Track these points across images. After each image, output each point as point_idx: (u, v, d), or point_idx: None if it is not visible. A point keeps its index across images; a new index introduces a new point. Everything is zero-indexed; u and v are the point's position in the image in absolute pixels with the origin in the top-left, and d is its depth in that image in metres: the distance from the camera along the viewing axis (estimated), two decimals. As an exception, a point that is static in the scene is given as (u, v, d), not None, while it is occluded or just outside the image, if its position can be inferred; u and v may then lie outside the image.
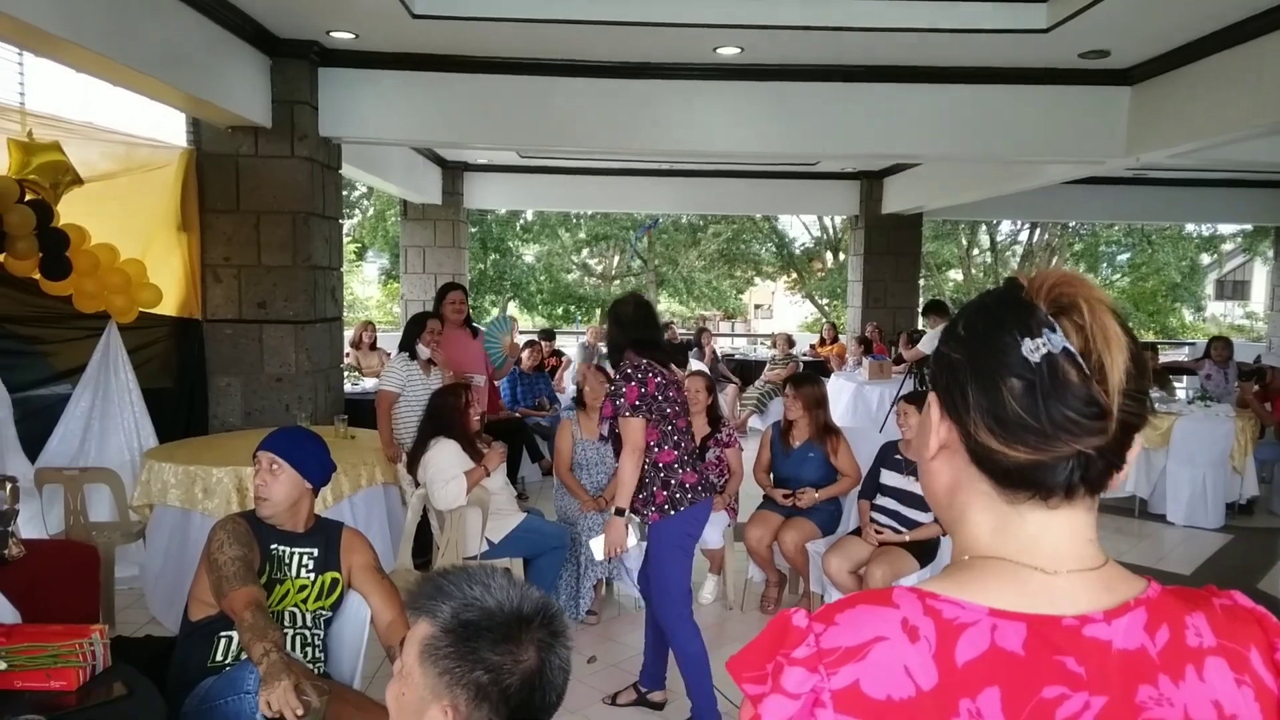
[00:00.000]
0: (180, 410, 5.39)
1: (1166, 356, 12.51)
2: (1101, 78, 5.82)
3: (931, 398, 0.82)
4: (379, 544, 4.46)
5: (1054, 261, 21.09)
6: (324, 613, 2.64)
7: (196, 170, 5.44)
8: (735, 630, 4.52)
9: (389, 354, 8.72)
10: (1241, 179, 10.44)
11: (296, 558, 2.62)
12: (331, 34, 5.30)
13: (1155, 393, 6.99)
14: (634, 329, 3.28)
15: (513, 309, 24.15)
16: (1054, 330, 0.73)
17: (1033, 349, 0.73)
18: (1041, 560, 0.76)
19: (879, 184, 10.56)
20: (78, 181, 4.44)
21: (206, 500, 4.12)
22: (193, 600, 2.53)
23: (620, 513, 3.26)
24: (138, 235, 5.02)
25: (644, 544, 3.49)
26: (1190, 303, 21.89)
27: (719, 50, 5.51)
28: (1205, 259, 21.18)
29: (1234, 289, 26.39)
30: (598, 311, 24.63)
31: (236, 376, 5.61)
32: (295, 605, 2.58)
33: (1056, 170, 7.07)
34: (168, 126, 5.47)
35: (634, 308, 3.34)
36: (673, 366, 3.39)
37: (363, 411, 6.21)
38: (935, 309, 7.51)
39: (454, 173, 10.64)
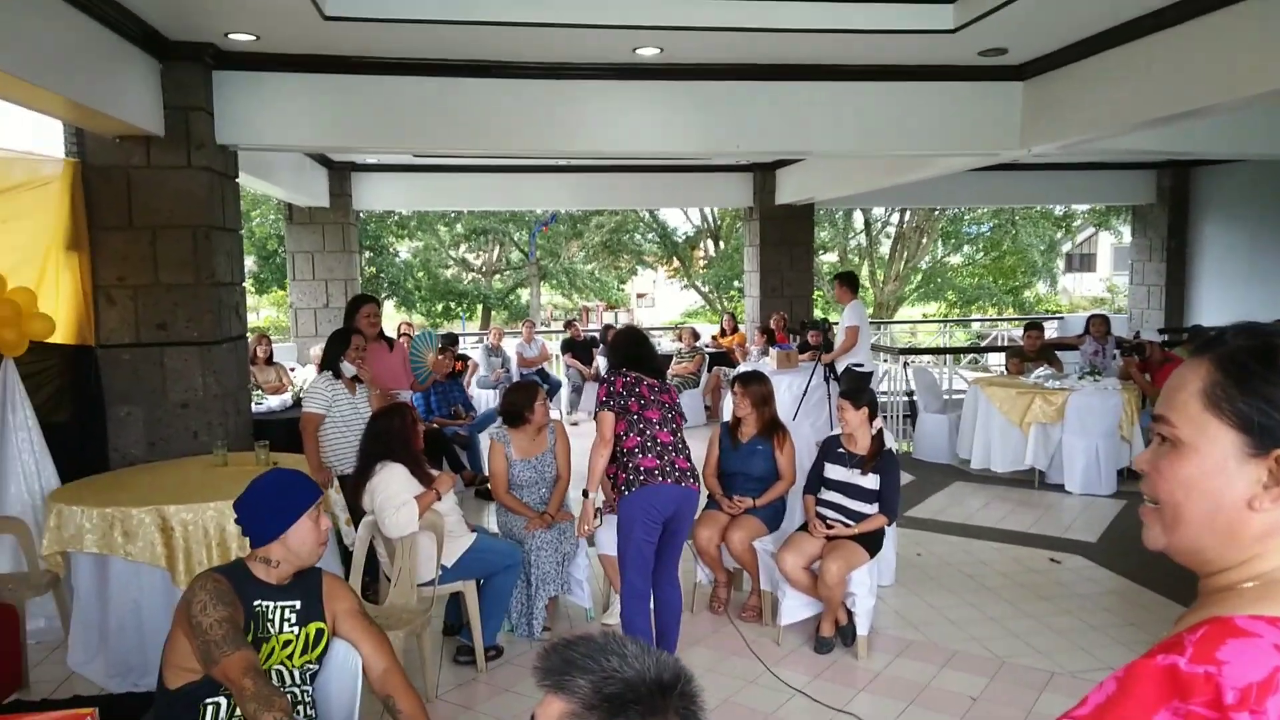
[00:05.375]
0: (76, 445, 4.96)
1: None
2: (995, 74, 6.10)
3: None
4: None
5: (923, 242, 22.13)
6: (311, 666, 2.49)
7: (83, 184, 5.00)
8: (689, 634, 4.52)
9: (289, 368, 8.33)
10: (1098, 163, 11.16)
11: (279, 612, 2.45)
12: (230, 36, 4.97)
13: (1045, 370, 7.44)
14: (620, 352, 3.95)
15: (389, 308, 23.44)
16: None
17: None
18: None
19: (771, 176, 10.76)
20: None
21: (128, 544, 3.83)
22: (169, 667, 2.32)
23: (585, 495, 3.83)
24: (24, 259, 4.59)
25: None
26: (1046, 277, 23.39)
27: (638, 51, 5.47)
28: (1058, 235, 22.62)
29: (1081, 261, 28.36)
30: (479, 308, 24.22)
31: (138, 405, 5.21)
32: (281, 663, 2.42)
33: (949, 162, 7.37)
34: (43, 137, 5.01)
35: (622, 339, 4.03)
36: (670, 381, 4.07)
37: (270, 432, 5.89)
38: (847, 280, 7.80)
39: (341, 174, 10.19)
